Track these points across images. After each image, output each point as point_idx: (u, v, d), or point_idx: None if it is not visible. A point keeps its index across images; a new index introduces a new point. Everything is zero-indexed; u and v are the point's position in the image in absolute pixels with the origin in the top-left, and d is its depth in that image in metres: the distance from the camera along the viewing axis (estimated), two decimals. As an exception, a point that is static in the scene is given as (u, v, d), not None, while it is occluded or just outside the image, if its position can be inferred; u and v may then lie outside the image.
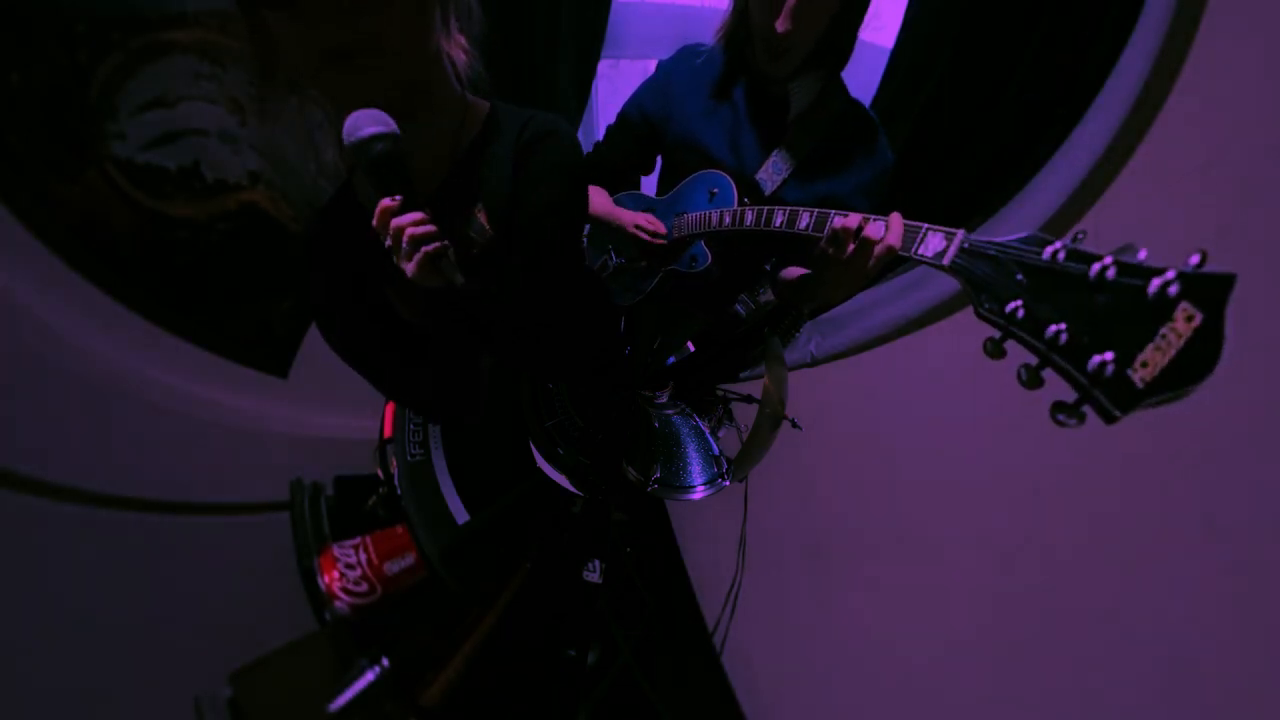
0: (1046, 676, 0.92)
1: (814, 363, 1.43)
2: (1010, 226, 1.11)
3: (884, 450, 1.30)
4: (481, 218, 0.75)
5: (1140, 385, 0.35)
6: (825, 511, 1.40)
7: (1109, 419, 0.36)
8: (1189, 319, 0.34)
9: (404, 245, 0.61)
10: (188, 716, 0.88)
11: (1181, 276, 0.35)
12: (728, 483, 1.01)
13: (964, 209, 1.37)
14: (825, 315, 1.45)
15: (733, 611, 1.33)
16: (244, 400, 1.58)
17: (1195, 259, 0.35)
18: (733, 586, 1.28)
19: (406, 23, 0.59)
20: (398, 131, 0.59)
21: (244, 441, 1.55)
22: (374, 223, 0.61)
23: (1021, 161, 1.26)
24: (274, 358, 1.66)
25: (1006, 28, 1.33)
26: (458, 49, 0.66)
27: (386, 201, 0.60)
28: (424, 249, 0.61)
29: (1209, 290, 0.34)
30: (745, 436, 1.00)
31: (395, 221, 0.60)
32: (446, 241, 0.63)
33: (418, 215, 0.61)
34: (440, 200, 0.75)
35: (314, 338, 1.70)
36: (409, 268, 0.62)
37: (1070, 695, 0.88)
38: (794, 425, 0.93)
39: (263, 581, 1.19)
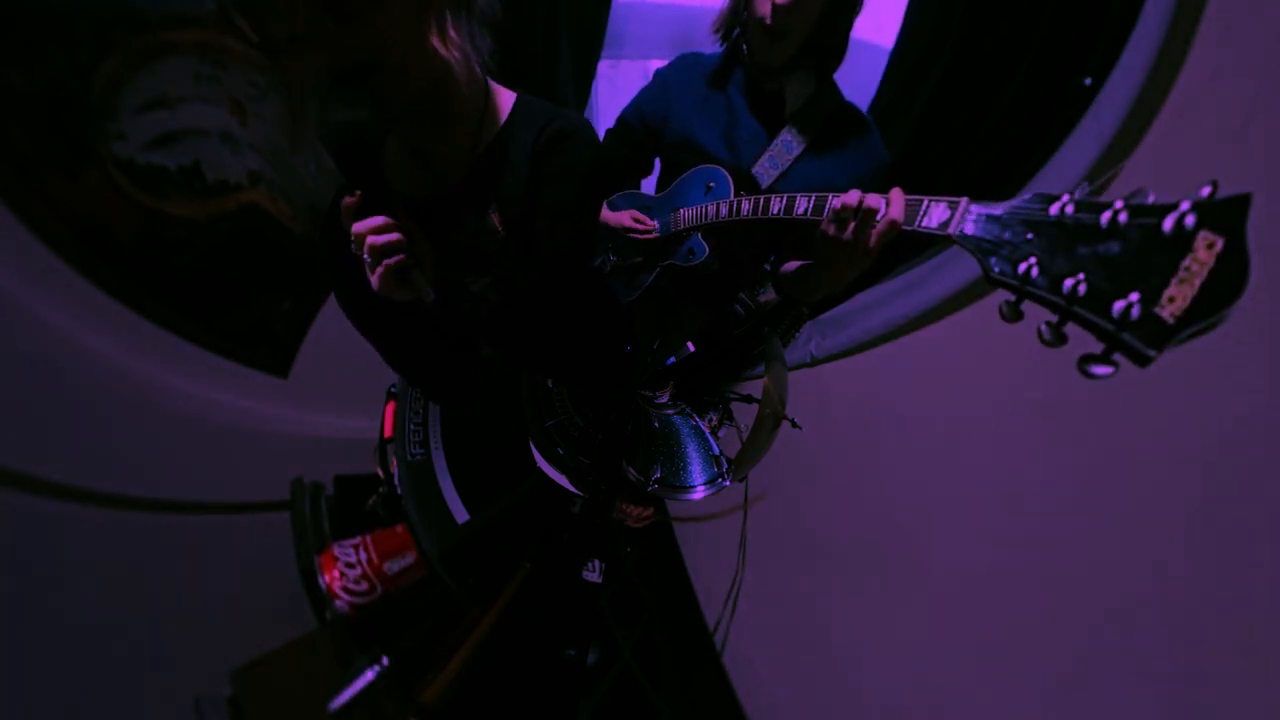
0: (1048, 677, 0.92)
1: (814, 363, 1.43)
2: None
3: (884, 450, 1.30)
4: (494, 218, 0.75)
5: (1171, 320, 0.34)
6: (825, 511, 1.40)
7: (1143, 361, 0.35)
8: (1210, 246, 0.33)
9: (364, 254, 0.56)
10: (188, 716, 0.88)
11: (1197, 206, 0.34)
12: (728, 483, 1.01)
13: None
14: (825, 315, 1.45)
15: (733, 611, 1.33)
16: (244, 400, 1.58)
17: (1206, 190, 0.34)
18: (733, 586, 1.28)
19: (399, 46, 0.58)
20: (356, 118, 0.56)
21: (244, 441, 1.55)
22: (342, 222, 0.56)
23: (1021, 161, 1.26)
24: (274, 357, 1.66)
25: (1007, 27, 1.33)
26: (453, 50, 0.65)
27: (347, 199, 0.55)
28: (385, 262, 0.56)
29: (1226, 215, 0.33)
30: (745, 436, 1.00)
31: (356, 226, 0.55)
32: (409, 255, 0.57)
33: (378, 221, 0.55)
34: (457, 197, 0.75)
35: (314, 337, 1.70)
36: (373, 280, 0.57)
37: (1072, 696, 0.88)
38: (794, 425, 0.93)
39: (263, 581, 1.19)
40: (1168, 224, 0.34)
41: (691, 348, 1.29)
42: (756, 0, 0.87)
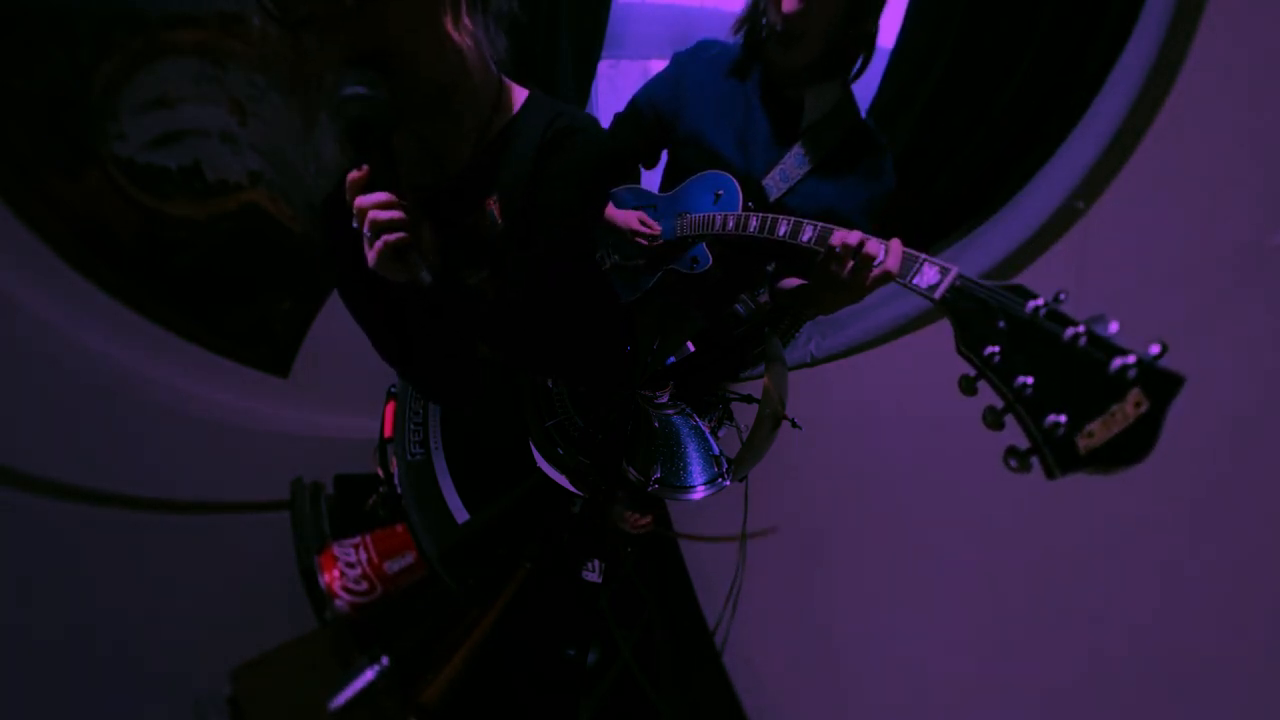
0: (1046, 674, 0.92)
1: (814, 363, 1.43)
2: (1009, 228, 1.12)
3: (884, 450, 1.30)
4: (494, 208, 0.74)
5: (1082, 452, 0.37)
6: (826, 511, 1.40)
7: (1049, 475, 0.39)
8: (1137, 405, 0.36)
9: (365, 229, 0.56)
10: (188, 715, 0.88)
11: (1140, 364, 0.37)
12: (728, 482, 1.01)
13: (963, 209, 1.38)
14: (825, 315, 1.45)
15: (733, 611, 1.33)
16: (244, 400, 1.58)
17: (1156, 349, 0.37)
18: (733, 586, 1.28)
19: (414, 30, 0.59)
20: (375, 95, 0.55)
21: (244, 441, 1.55)
22: (346, 195, 0.57)
23: (1021, 161, 1.26)
24: (274, 357, 1.66)
25: (1007, 28, 1.33)
26: (466, 37, 0.65)
27: (354, 173, 0.56)
28: (385, 238, 0.57)
29: (1160, 384, 0.36)
30: (745, 436, 1.00)
31: (360, 200, 0.56)
32: (409, 233, 0.58)
33: (382, 197, 0.56)
34: (459, 185, 0.75)
35: (314, 337, 1.70)
36: (370, 255, 0.57)
37: (1069, 692, 0.88)
38: (794, 425, 0.93)
39: (263, 581, 1.19)
40: (1114, 366, 0.37)
41: (691, 348, 1.29)
42: (771, 4, 0.86)
